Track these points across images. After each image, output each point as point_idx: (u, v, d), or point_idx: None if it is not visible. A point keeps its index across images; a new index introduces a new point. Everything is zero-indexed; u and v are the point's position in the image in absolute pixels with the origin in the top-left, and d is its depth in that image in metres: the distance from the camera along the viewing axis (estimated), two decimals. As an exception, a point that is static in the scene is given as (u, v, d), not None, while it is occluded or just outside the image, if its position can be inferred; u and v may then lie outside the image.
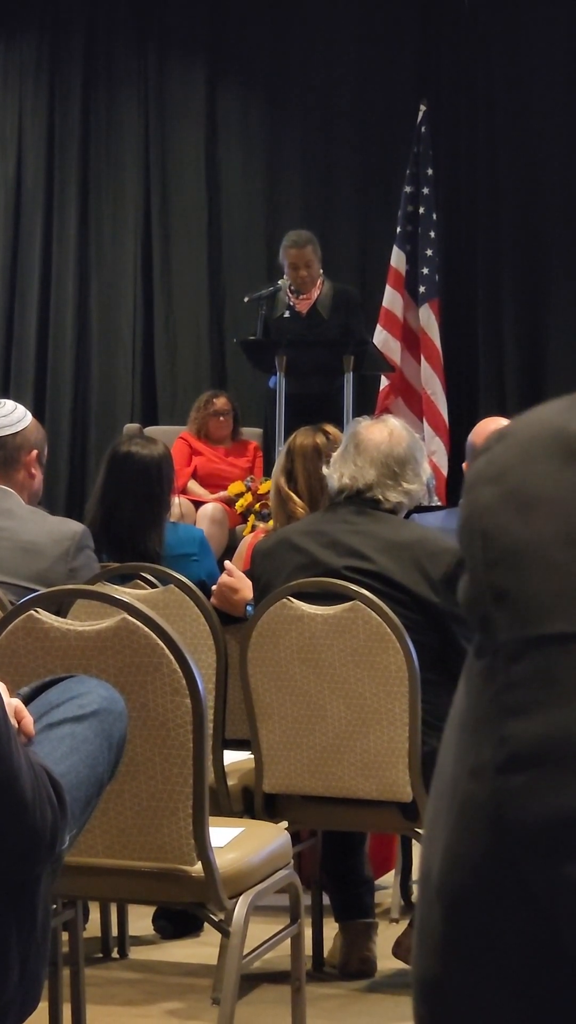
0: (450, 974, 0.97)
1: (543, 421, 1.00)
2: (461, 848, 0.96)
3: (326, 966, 4.24)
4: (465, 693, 0.99)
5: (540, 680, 0.92)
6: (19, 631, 2.90)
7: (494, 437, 1.02)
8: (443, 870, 0.97)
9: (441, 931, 0.97)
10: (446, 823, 0.97)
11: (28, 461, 4.08)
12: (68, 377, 10.72)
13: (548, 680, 0.92)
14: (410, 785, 3.78)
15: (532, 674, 0.93)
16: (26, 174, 10.90)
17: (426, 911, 0.99)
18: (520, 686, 0.93)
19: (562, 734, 0.91)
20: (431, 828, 1.01)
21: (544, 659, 0.91)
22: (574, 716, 0.91)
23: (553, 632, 0.92)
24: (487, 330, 10.02)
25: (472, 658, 0.99)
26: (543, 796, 0.91)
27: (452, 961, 0.97)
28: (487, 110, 10.10)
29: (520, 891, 0.93)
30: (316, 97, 10.44)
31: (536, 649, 0.92)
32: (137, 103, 10.77)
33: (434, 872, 0.98)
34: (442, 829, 0.98)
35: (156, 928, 4.50)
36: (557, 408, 1.01)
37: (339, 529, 3.99)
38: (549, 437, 0.98)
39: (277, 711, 3.88)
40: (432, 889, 0.98)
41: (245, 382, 9.86)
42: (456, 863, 0.96)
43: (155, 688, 2.84)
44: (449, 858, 0.97)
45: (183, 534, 4.79)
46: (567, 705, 0.91)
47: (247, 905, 2.99)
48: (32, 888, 2.24)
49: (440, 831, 0.98)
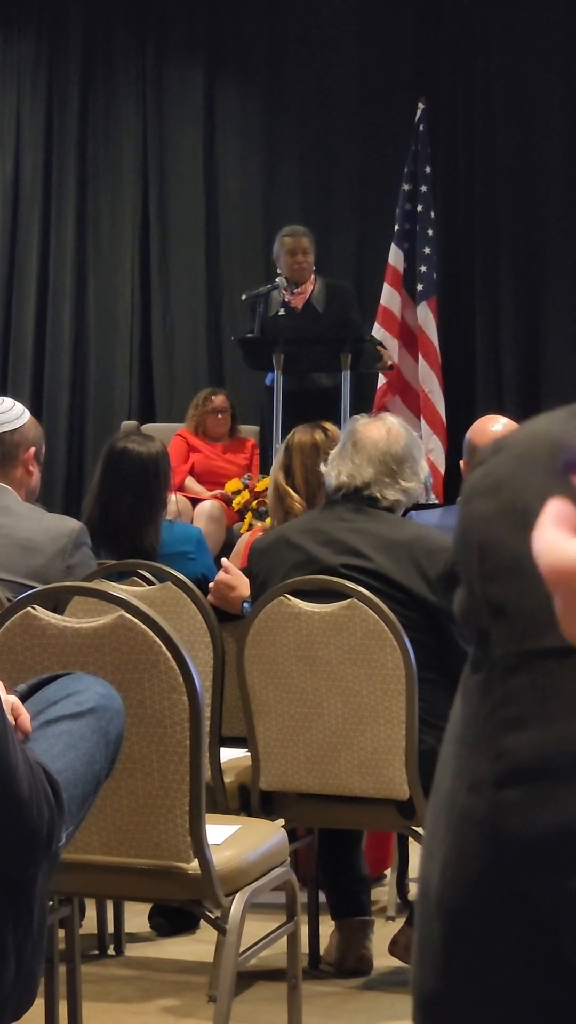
0: (451, 989, 0.97)
1: (539, 433, 0.99)
2: (460, 863, 0.96)
3: (322, 964, 4.24)
4: (462, 707, 0.99)
5: (538, 694, 0.92)
6: (16, 628, 2.90)
7: (490, 449, 1.01)
8: (442, 885, 0.97)
9: (441, 946, 0.97)
10: (444, 838, 0.97)
11: (26, 458, 4.08)
12: (66, 374, 10.72)
13: (545, 694, 0.91)
14: (407, 783, 3.78)
15: (529, 688, 0.92)
16: (24, 171, 10.90)
17: (426, 927, 0.98)
18: (517, 700, 0.93)
19: (560, 747, 0.90)
20: (429, 844, 1.00)
21: (541, 673, 0.91)
22: (572, 729, 0.90)
23: (550, 646, 0.91)
24: (485, 328, 10.02)
25: (469, 672, 0.99)
26: (542, 809, 0.91)
27: (453, 976, 0.97)
28: (486, 108, 10.10)
29: (520, 905, 0.93)
30: (314, 95, 10.44)
31: (533, 663, 0.92)
32: (135, 101, 10.77)
33: (433, 887, 0.98)
34: (440, 844, 0.97)
35: (152, 925, 4.50)
36: (553, 420, 1.00)
37: (337, 527, 3.99)
38: (545, 449, 0.97)
39: (274, 709, 3.88)
40: (432, 904, 0.98)
41: (243, 380, 9.86)
42: (455, 878, 0.96)
43: (152, 685, 2.84)
44: (448, 873, 0.96)
45: (180, 532, 4.79)
46: (565, 718, 0.91)
47: (243, 902, 2.99)
48: (29, 885, 2.24)
49: (439, 846, 0.98)
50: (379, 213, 9.95)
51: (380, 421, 4.16)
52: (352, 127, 10.36)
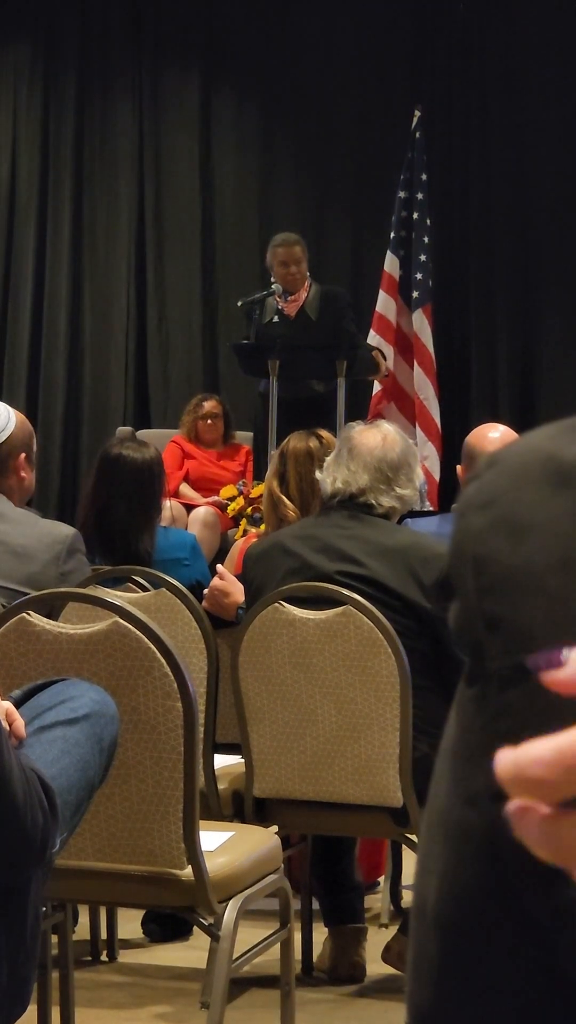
0: (448, 1003, 0.97)
1: (534, 447, 1.00)
2: (457, 876, 0.95)
3: (315, 971, 4.24)
4: (457, 722, 0.99)
5: (533, 706, 0.92)
6: (11, 634, 2.90)
7: (484, 464, 1.01)
8: (439, 900, 0.97)
9: (438, 961, 0.97)
10: (440, 853, 0.97)
11: (16, 466, 4.07)
12: (61, 380, 10.72)
13: (541, 706, 0.92)
14: (401, 790, 3.78)
15: (525, 700, 0.92)
16: (20, 177, 10.90)
17: (422, 943, 0.98)
18: (513, 713, 0.93)
19: None
20: (425, 859, 1.00)
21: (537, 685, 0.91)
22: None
23: None
24: (480, 335, 10.04)
25: (463, 686, 0.99)
26: None
27: (450, 990, 0.96)
28: (481, 116, 10.12)
29: (518, 919, 0.92)
30: (310, 102, 10.45)
31: (529, 676, 0.92)
32: (131, 109, 10.77)
33: (430, 902, 0.98)
34: (436, 859, 0.97)
35: (145, 931, 4.50)
36: (548, 434, 1.01)
37: (332, 534, 3.99)
38: (540, 463, 0.97)
39: (268, 715, 3.88)
40: (428, 919, 0.98)
41: (238, 386, 9.86)
42: (452, 893, 0.96)
43: (146, 691, 2.84)
44: (445, 889, 0.96)
45: (174, 539, 4.79)
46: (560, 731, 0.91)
47: (237, 909, 2.99)
48: (22, 891, 2.23)
49: (434, 863, 0.98)
50: (375, 220, 9.96)
51: (376, 428, 4.16)
52: (348, 134, 10.37)
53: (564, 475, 0.97)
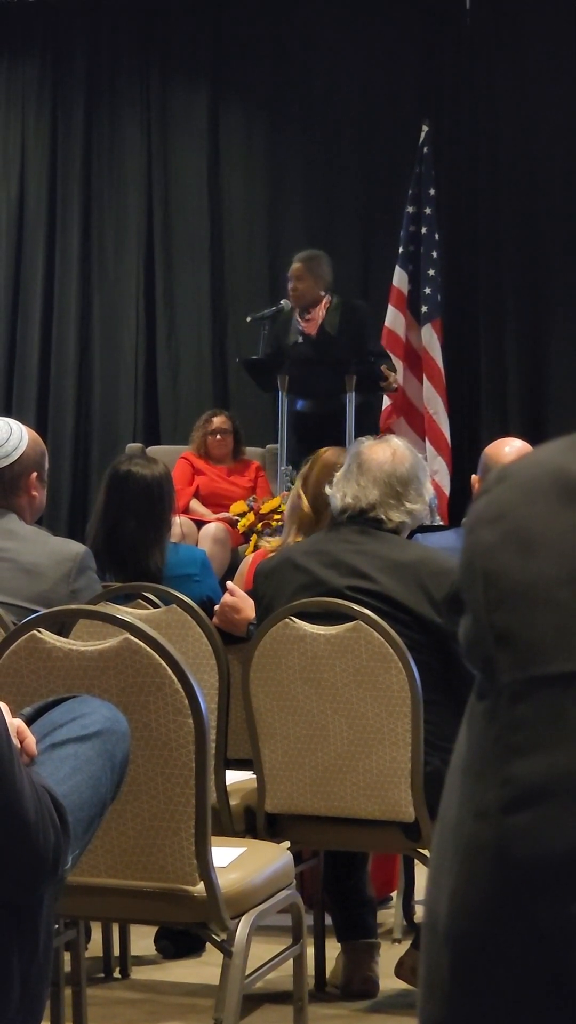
0: (460, 1018, 0.97)
1: (543, 462, 1.00)
2: (468, 890, 0.96)
3: (328, 986, 4.23)
4: (467, 736, 0.99)
5: (544, 720, 0.92)
6: (21, 651, 2.90)
7: (494, 478, 1.02)
8: (450, 913, 0.97)
9: (450, 975, 0.97)
10: (451, 867, 0.97)
11: (28, 484, 4.07)
12: (70, 396, 10.74)
13: (552, 719, 0.92)
14: (412, 805, 3.78)
15: (536, 714, 0.93)
16: (29, 195, 10.93)
17: (434, 957, 0.98)
18: (524, 726, 0.93)
19: (567, 772, 0.91)
20: (436, 873, 1.00)
21: (548, 699, 0.92)
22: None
23: (556, 672, 0.92)
24: (489, 349, 10.04)
25: (474, 700, 0.99)
26: (550, 834, 0.91)
27: (461, 1004, 0.97)
28: (489, 130, 10.13)
29: (529, 932, 0.93)
30: (318, 118, 10.47)
31: (539, 689, 0.92)
32: (140, 124, 10.80)
33: (441, 916, 0.98)
34: (448, 873, 0.98)
35: (158, 948, 4.49)
36: (557, 449, 1.01)
37: (342, 549, 3.99)
38: (549, 478, 0.98)
39: (279, 731, 3.88)
40: (440, 934, 0.98)
41: (248, 401, 9.87)
42: (463, 905, 0.96)
43: (157, 708, 2.84)
44: (456, 902, 0.96)
45: (184, 555, 4.79)
46: (571, 743, 0.91)
47: (249, 925, 2.98)
48: (34, 908, 2.23)
49: (446, 875, 0.98)
50: (383, 235, 9.97)
51: (385, 443, 4.16)
52: (356, 150, 10.39)
53: (573, 490, 0.97)
